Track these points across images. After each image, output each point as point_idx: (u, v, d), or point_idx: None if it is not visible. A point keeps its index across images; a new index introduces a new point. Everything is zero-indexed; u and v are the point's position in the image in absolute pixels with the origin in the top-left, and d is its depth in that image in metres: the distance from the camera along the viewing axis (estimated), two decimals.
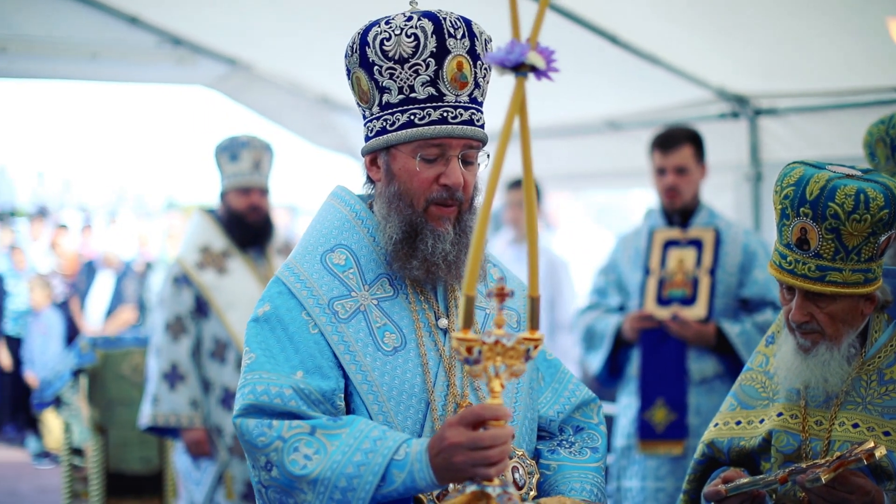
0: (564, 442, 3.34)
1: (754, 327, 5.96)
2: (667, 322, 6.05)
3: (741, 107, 6.85)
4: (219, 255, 6.76)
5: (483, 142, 3.07)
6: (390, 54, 2.96)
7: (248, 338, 3.05)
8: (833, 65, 6.15)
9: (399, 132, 3.00)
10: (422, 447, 2.75)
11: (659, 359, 6.12)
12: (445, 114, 2.98)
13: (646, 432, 6.15)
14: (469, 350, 2.48)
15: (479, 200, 3.13)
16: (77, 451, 8.62)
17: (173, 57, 8.28)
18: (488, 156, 3.10)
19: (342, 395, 2.98)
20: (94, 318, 13.14)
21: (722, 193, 7.15)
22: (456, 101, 3.00)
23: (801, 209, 3.20)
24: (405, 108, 2.99)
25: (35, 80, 10.02)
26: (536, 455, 3.27)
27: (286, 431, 2.84)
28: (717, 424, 3.61)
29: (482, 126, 3.07)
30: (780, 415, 3.43)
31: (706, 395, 6.07)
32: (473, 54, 3.02)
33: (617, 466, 6.37)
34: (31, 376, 13.27)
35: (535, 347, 2.56)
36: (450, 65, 2.98)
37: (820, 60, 6.16)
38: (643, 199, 8.63)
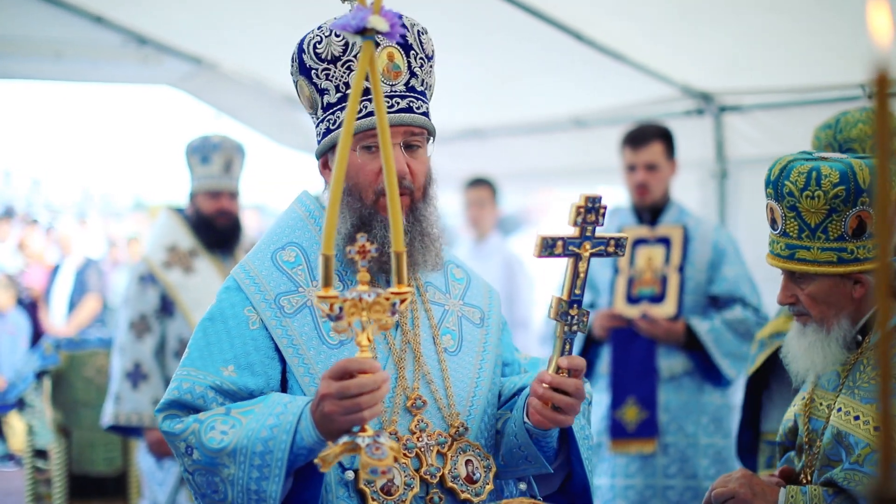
0: None
1: (723, 324, 5.97)
2: (636, 321, 6.04)
3: (706, 104, 6.85)
4: (185, 255, 6.72)
5: (426, 129, 3.12)
6: (323, 55, 3.04)
7: (193, 334, 3.16)
8: (796, 61, 6.16)
9: (341, 129, 3.00)
10: (306, 405, 2.79)
11: (629, 357, 6.12)
12: None
13: (617, 431, 6.13)
14: (331, 307, 2.50)
15: (434, 189, 3.21)
16: (41, 454, 8.55)
17: (138, 56, 8.26)
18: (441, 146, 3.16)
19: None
20: (57, 314, 13.03)
21: (688, 191, 7.15)
22: (391, 91, 3.05)
23: (767, 190, 3.33)
24: (343, 105, 3.05)
25: None
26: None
27: (202, 415, 2.94)
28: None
29: (425, 114, 3.12)
30: (802, 399, 3.52)
31: (675, 391, 6.09)
32: (405, 45, 3.08)
33: None
34: None
35: (402, 301, 2.56)
36: (380, 57, 3.03)
37: (783, 57, 6.17)
38: (611, 197, 8.67)
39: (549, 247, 2.87)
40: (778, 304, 3.50)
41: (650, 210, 6.20)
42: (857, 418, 3.27)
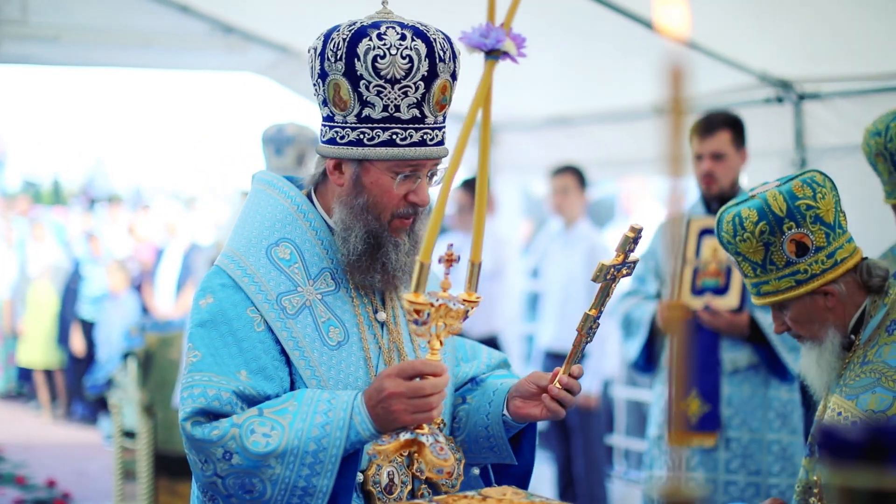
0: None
1: None
2: (699, 312, 5.94)
3: (785, 92, 6.69)
4: None
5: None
6: (383, 73, 2.94)
7: (192, 334, 3.07)
8: (877, 48, 6.00)
9: (379, 149, 3.01)
10: (359, 399, 2.86)
11: (691, 350, 6.01)
12: (425, 136, 3.03)
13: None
14: (419, 312, 2.63)
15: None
16: (130, 434, 8.73)
17: (224, 44, 8.37)
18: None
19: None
20: (164, 297, 13.30)
21: (767, 180, 7.00)
22: (434, 123, 3.04)
23: (720, 243, 3.61)
24: (387, 126, 3.00)
25: (88, 68, 10.15)
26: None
27: (237, 419, 2.91)
28: None
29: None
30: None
31: (738, 385, 5.97)
32: (454, 76, 3.07)
33: (650, 456, 6.28)
34: None
35: (473, 308, 2.75)
36: (436, 88, 3.01)
37: (864, 44, 6.02)
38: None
39: (604, 273, 3.09)
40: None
41: (718, 199, 6.05)
42: (839, 414, 3.37)
